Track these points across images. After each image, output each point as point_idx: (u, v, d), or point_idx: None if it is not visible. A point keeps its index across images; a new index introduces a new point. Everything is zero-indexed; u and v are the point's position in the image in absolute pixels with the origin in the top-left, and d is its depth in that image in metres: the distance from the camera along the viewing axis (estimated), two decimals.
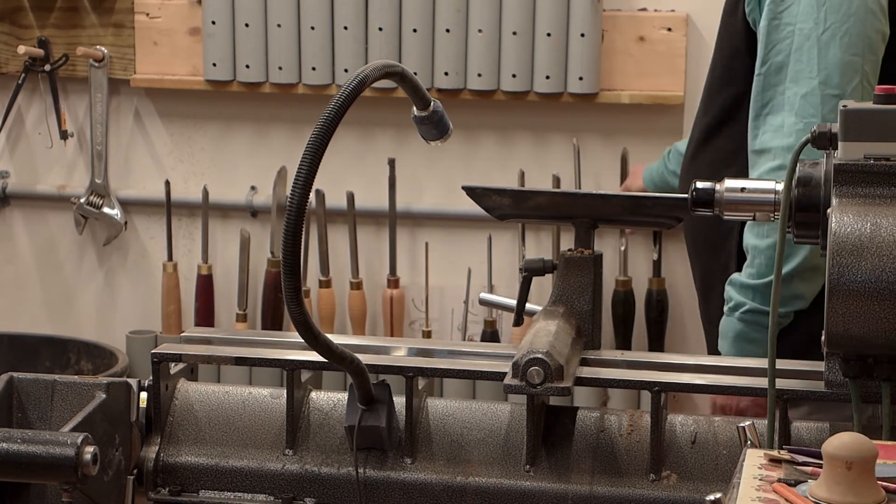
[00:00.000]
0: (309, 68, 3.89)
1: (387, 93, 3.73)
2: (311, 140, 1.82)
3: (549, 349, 2.00)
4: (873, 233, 1.80)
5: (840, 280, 1.79)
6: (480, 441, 2.12)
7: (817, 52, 2.65)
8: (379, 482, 2.11)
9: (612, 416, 2.12)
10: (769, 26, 2.70)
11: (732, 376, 2.12)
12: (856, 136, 1.91)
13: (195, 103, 4.06)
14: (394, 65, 1.99)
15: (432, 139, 2.12)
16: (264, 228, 4.03)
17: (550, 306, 2.24)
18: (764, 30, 2.71)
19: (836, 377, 1.93)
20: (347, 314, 3.99)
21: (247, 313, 4.01)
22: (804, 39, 2.65)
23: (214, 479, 2.15)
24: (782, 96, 2.67)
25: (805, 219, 1.97)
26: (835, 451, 1.51)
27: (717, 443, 2.07)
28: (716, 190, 2.08)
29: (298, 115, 3.97)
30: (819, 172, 1.98)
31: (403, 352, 2.26)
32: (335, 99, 1.85)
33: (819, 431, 2.04)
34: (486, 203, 2.42)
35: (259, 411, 2.19)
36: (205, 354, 2.23)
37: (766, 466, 1.65)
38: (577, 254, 2.25)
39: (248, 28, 3.90)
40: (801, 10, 2.65)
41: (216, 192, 4.03)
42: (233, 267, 4.03)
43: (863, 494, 1.50)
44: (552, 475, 2.08)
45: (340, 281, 3.98)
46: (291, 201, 1.82)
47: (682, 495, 2.04)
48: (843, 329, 1.80)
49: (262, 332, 3.67)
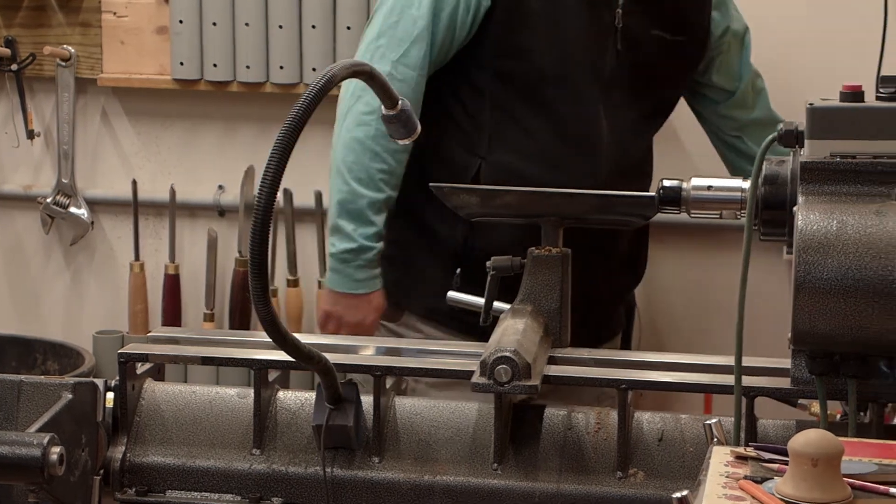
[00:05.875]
0: (277, 67, 3.88)
1: None
2: (279, 139, 1.82)
3: (517, 347, 2.00)
4: (839, 230, 1.81)
5: (806, 277, 1.80)
6: (448, 440, 2.12)
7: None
8: (346, 481, 2.11)
9: (579, 415, 2.12)
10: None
11: (699, 374, 2.12)
12: (822, 134, 1.92)
13: (162, 102, 4.05)
14: (362, 63, 1.99)
15: (400, 138, 2.12)
16: (232, 228, 4.02)
17: (518, 305, 2.24)
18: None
19: (802, 374, 1.94)
20: (315, 313, 3.98)
21: (214, 313, 4.00)
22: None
23: (181, 480, 2.14)
24: None
25: (771, 217, 1.98)
26: (801, 448, 1.52)
27: (683, 440, 2.08)
28: (682, 188, 2.09)
29: (266, 114, 3.96)
30: (785, 170, 1.99)
31: (371, 351, 2.26)
32: (303, 98, 1.84)
33: (785, 428, 2.05)
34: (454, 202, 2.42)
35: (226, 411, 2.18)
36: (172, 354, 2.23)
37: (733, 463, 1.65)
38: (544, 252, 2.26)
39: (216, 27, 3.89)
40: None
41: (183, 191, 4.02)
42: (200, 266, 4.02)
43: (829, 491, 1.51)
44: (520, 473, 2.08)
45: (308, 280, 3.97)
46: (259, 200, 1.81)
47: (649, 493, 2.04)
48: (809, 326, 1.81)
49: (229, 332, 3.66)
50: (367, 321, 3.10)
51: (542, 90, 3.05)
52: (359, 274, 3.08)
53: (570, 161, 3.06)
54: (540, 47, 3.03)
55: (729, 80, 3.29)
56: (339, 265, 3.09)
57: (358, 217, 3.04)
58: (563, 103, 3.06)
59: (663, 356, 2.22)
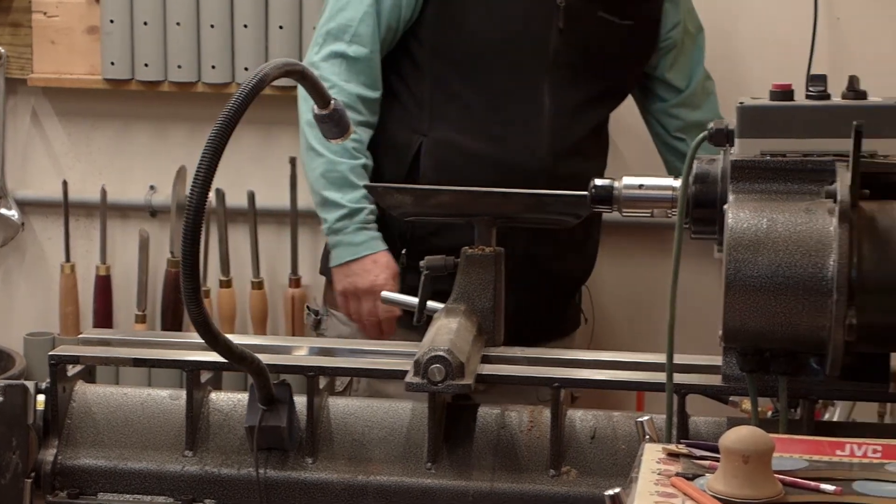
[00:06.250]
0: (209, 66, 3.86)
1: (288, 91, 3.71)
2: (211, 138, 1.81)
3: (451, 347, 2.01)
4: (769, 228, 1.82)
5: (737, 275, 1.81)
6: (382, 439, 2.12)
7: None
8: (280, 482, 2.10)
9: (512, 413, 2.13)
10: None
11: (631, 371, 2.13)
12: (752, 132, 1.94)
13: (93, 102, 4.02)
14: (294, 63, 1.99)
15: (333, 137, 2.11)
16: (163, 228, 4.00)
17: (452, 304, 2.24)
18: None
19: (733, 371, 1.95)
20: (248, 314, 3.97)
21: (146, 314, 3.97)
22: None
23: (113, 482, 2.13)
24: None
25: (702, 215, 1.99)
26: (732, 445, 1.53)
27: (616, 437, 2.08)
28: (614, 187, 2.10)
29: (198, 114, 3.93)
30: (716, 169, 2.00)
31: (305, 351, 2.26)
32: (234, 97, 1.83)
33: (716, 425, 2.06)
34: (387, 202, 2.42)
35: (158, 413, 2.17)
36: (103, 356, 2.21)
37: (665, 461, 1.66)
38: (478, 251, 2.26)
39: (147, 26, 3.86)
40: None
41: (115, 191, 3.99)
42: (132, 267, 3.99)
43: (759, 487, 1.52)
44: (453, 472, 2.08)
45: (241, 280, 3.96)
46: (191, 200, 1.80)
47: (582, 490, 2.05)
48: (740, 323, 1.82)
49: (161, 333, 3.65)
50: (379, 281, 3.03)
51: (480, 65, 3.08)
52: (357, 237, 3.06)
53: (509, 136, 3.08)
54: (477, 21, 3.07)
55: (680, 78, 3.31)
56: (336, 237, 3.08)
57: (343, 184, 3.05)
58: (502, 78, 3.08)
59: (597, 354, 2.23)
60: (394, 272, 3.05)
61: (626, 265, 3.84)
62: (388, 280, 3.03)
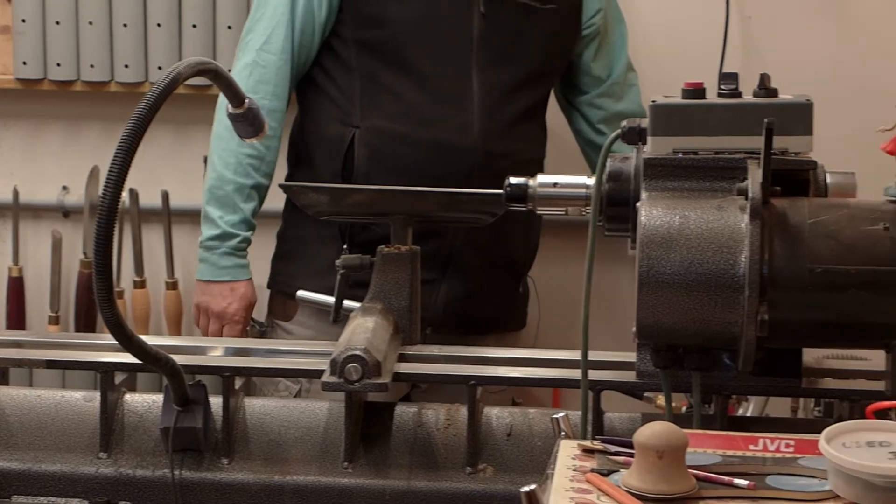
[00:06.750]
0: (122, 66, 3.83)
1: (202, 90, 3.69)
2: (123, 138, 1.80)
3: (367, 346, 2.01)
4: (682, 225, 1.83)
5: (650, 272, 1.82)
6: (298, 439, 2.12)
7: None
8: (195, 483, 2.09)
9: (429, 411, 2.13)
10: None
11: (546, 368, 2.14)
12: (664, 130, 1.95)
13: (5, 102, 3.97)
14: (207, 62, 1.98)
15: (247, 136, 2.11)
16: (76, 229, 3.96)
17: (368, 303, 2.24)
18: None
19: (647, 367, 1.96)
20: (163, 315, 3.94)
21: (59, 315, 3.94)
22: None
23: (27, 484, 2.11)
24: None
25: (616, 213, 2.00)
26: (646, 441, 1.54)
27: (532, 434, 2.09)
28: (529, 185, 2.11)
29: (111, 114, 3.90)
30: (629, 167, 2.01)
31: (220, 352, 2.25)
32: (147, 96, 1.83)
33: (631, 421, 2.08)
34: (303, 201, 2.42)
35: (72, 415, 2.15)
36: (16, 358, 2.19)
37: (580, 457, 1.67)
38: (393, 250, 2.26)
39: (59, 25, 3.83)
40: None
41: (27, 192, 3.96)
42: (44, 268, 3.96)
43: (674, 482, 1.53)
44: (370, 471, 2.08)
45: (155, 281, 3.93)
46: (103, 201, 1.79)
47: (499, 487, 2.06)
48: (653, 320, 1.83)
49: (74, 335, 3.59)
50: (230, 309, 3.15)
51: (404, 53, 3.12)
52: (223, 261, 3.15)
53: (441, 118, 3.12)
54: (397, 13, 3.10)
55: (603, 68, 3.35)
56: (205, 253, 3.18)
57: (225, 203, 3.13)
58: (427, 63, 3.12)
59: (512, 352, 2.24)
60: (249, 303, 3.22)
61: (572, 262, 3.85)
62: (240, 310, 3.19)
